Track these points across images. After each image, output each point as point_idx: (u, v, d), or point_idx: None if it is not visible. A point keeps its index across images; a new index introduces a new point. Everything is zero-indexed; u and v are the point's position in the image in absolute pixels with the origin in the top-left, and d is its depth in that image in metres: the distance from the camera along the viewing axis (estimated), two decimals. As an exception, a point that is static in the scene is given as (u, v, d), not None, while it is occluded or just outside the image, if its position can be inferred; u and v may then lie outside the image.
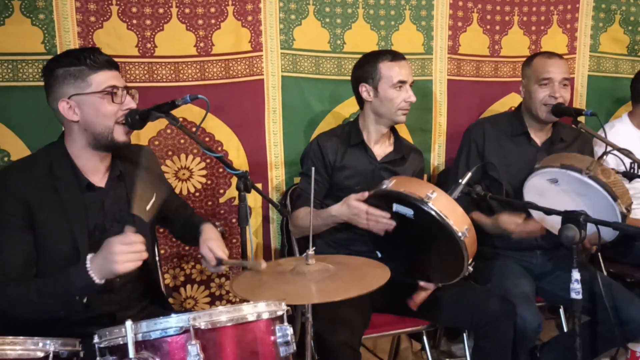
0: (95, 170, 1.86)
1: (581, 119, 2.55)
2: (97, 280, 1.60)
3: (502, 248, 2.58)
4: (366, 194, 2.15)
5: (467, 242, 1.92)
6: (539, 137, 2.62)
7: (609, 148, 2.32)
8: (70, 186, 1.80)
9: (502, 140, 2.62)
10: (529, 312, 2.23)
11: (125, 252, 1.59)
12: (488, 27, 3.09)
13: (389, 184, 2.05)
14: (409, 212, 2.01)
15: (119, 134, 1.81)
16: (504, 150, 2.60)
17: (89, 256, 1.63)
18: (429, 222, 1.93)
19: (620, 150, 2.31)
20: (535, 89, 2.53)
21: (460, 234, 1.91)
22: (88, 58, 1.76)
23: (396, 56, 2.44)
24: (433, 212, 1.91)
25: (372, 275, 1.76)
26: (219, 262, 1.88)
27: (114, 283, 1.80)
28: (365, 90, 2.45)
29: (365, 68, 2.44)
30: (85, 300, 1.64)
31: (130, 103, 1.82)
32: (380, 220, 2.12)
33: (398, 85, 2.40)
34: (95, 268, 1.61)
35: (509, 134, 2.63)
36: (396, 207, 2.04)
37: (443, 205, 1.92)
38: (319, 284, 1.69)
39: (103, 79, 1.77)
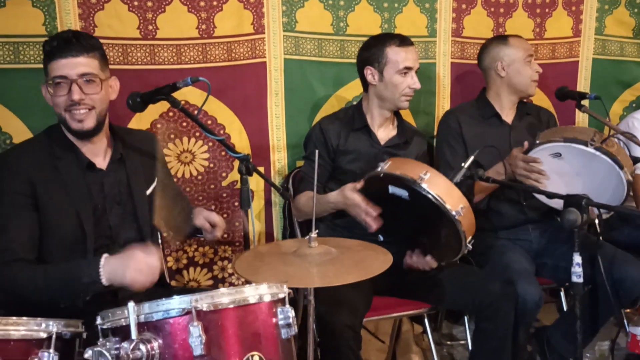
0: (94, 153, 1.87)
1: (585, 102, 2.54)
2: (104, 282, 1.62)
3: (496, 230, 2.59)
4: (359, 184, 2.13)
5: (462, 220, 1.92)
6: (508, 116, 2.69)
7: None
8: (71, 165, 1.81)
9: (476, 124, 2.66)
10: (529, 287, 2.24)
11: (145, 271, 1.62)
12: (492, 9, 3.06)
13: (384, 167, 2.05)
14: (404, 193, 2.01)
15: (73, 122, 1.79)
16: (481, 133, 2.63)
17: (104, 256, 1.64)
18: (424, 202, 1.93)
19: (622, 133, 2.30)
20: (522, 66, 2.59)
21: (454, 213, 1.91)
22: (49, 44, 1.76)
23: (404, 41, 2.41)
24: (426, 193, 1.91)
25: (374, 259, 1.76)
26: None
27: (118, 293, 1.78)
28: (370, 73, 2.43)
29: (372, 51, 2.41)
30: (87, 297, 1.65)
31: (75, 95, 1.74)
32: (369, 214, 2.08)
33: (404, 71, 2.38)
34: (108, 270, 1.62)
35: (479, 117, 2.68)
36: (392, 189, 2.04)
37: (436, 186, 1.92)
38: (320, 267, 1.69)
39: (55, 67, 1.76)
